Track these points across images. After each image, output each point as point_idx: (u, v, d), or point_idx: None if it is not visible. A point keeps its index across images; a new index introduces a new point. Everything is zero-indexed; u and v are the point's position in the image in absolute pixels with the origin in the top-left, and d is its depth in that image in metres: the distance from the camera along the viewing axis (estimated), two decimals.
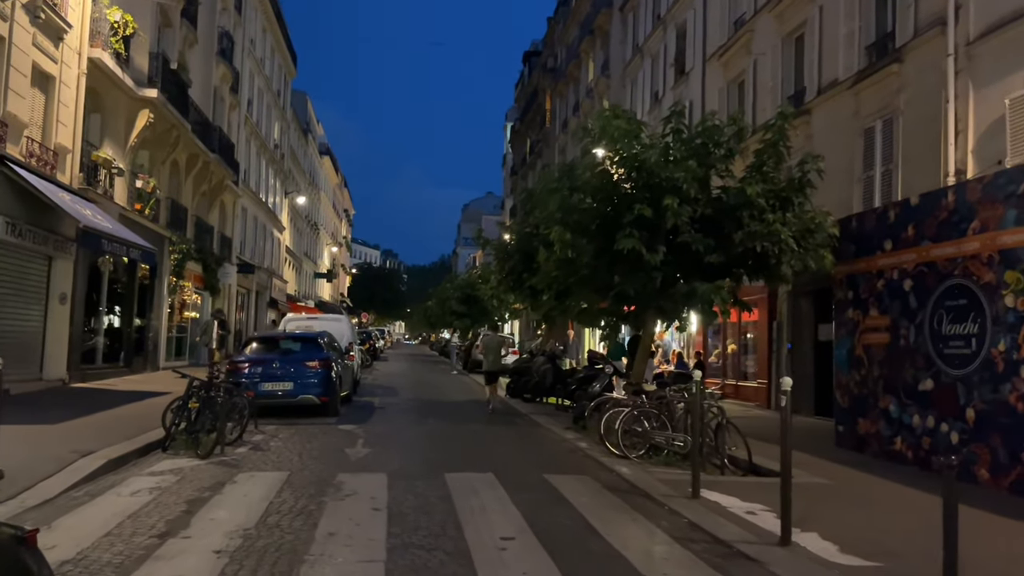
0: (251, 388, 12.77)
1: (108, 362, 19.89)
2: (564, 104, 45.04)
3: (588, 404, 13.55)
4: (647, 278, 11.63)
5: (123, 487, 7.64)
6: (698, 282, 11.41)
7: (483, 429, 13.43)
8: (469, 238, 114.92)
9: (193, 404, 9.88)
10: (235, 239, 33.19)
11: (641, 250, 11.24)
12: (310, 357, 13.61)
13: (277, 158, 43.70)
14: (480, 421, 14.69)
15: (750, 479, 9.43)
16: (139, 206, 20.81)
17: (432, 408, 16.74)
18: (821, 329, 16.68)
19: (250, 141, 36.27)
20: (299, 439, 11.25)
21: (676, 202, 11.10)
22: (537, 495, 7.81)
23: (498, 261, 20.74)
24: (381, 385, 22.30)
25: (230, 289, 32.04)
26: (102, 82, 18.83)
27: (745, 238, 11.22)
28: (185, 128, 23.19)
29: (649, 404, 10.71)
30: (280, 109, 44.60)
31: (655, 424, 10.45)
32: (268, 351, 13.83)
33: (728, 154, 11.96)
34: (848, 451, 11.46)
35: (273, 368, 13.32)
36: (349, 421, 13.42)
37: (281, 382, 13.27)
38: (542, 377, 18.34)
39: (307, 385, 13.35)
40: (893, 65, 14.49)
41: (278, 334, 16.08)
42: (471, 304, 40.25)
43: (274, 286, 42.81)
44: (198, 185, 27.14)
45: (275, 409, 13.50)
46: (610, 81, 35.10)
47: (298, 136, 53.87)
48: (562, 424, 14.11)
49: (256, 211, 38.27)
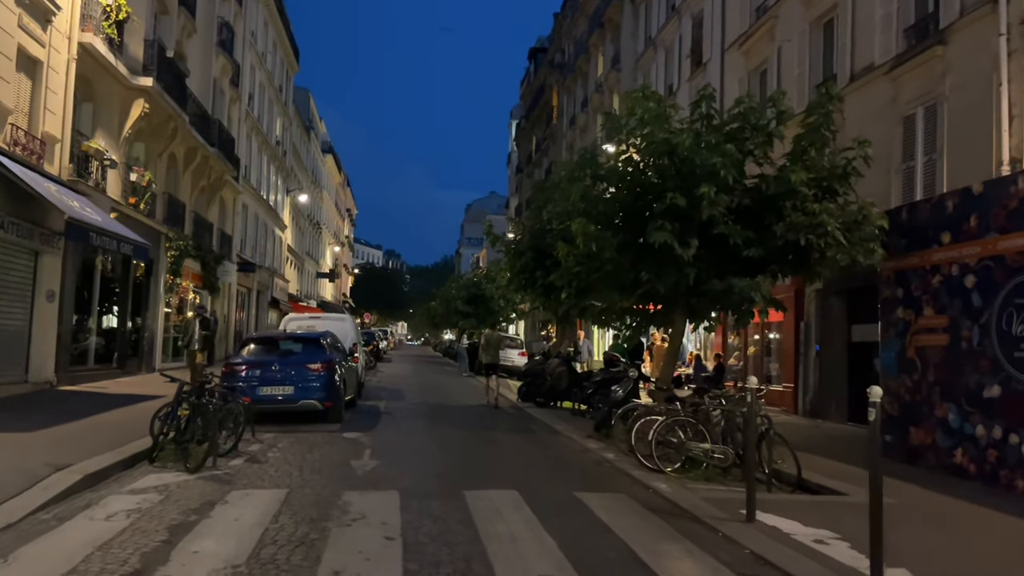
0: (248, 393, 11.85)
1: (100, 363, 18.96)
2: (572, 100, 44.09)
3: (610, 410, 12.62)
4: (679, 274, 10.68)
5: (98, 508, 6.70)
6: (735, 278, 10.44)
7: (498, 436, 12.48)
8: (473, 238, 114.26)
9: (183, 411, 8.93)
10: (235, 237, 32.26)
11: (673, 244, 10.29)
12: (312, 359, 12.66)
13: (279, 155, 42.79)
14: (494, 427, 13.74)
15: (803, 497, 8.47)
16: (133, 200, 19.88)
17: (441, 413, 15.79)
18: (855, 330, 15.72)
19: (251, 136, 35.36)
20: (300, 449, 10.30)
21: (713, 190, 10.15)
22: (571, 518, 6.85)
23: (509, 258, 19.82)
24: (386, 388, 21.36)
25: (230, 288, 31.13)
26: (94, 69, 17.91)
27: (787, 230, 10.27)
28: (183, 120, 22.27)
29: (684, 412, 9.75)
30: (282, 105, 43.69)
31: (691, 434, 9.49)
32: (267, 353, 12.88)
33: (767, 139, 10.99)
34: (898, 463, 10.48)
35: (272, 371, 12.37)
36: (354, 428, 12.47)
37: (281, 386, 12.32)
38: (556, 380, 17.38)
39: (309, 389, 12.41)
40: (937, 47, 13.52)
41: (277, 334, 15.13)
42: (477, 304, 39.30)
43: (276, 285, 41.90)
44: (197, 180, 26.21)
45: (274, 415, 12.56)
46: (621, 75, 34.14)
47: (300, 133, 52.97)
48: (582, 431, 13.16)
49: (257, 208, 37.35)
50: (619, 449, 10.83)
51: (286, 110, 45.07)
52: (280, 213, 44.04)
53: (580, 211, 11.56)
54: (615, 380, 16.89)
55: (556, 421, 14.74)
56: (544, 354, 19.65)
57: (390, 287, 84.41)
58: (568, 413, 16.40)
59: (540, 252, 18.82)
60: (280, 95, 42.84)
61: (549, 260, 18.75)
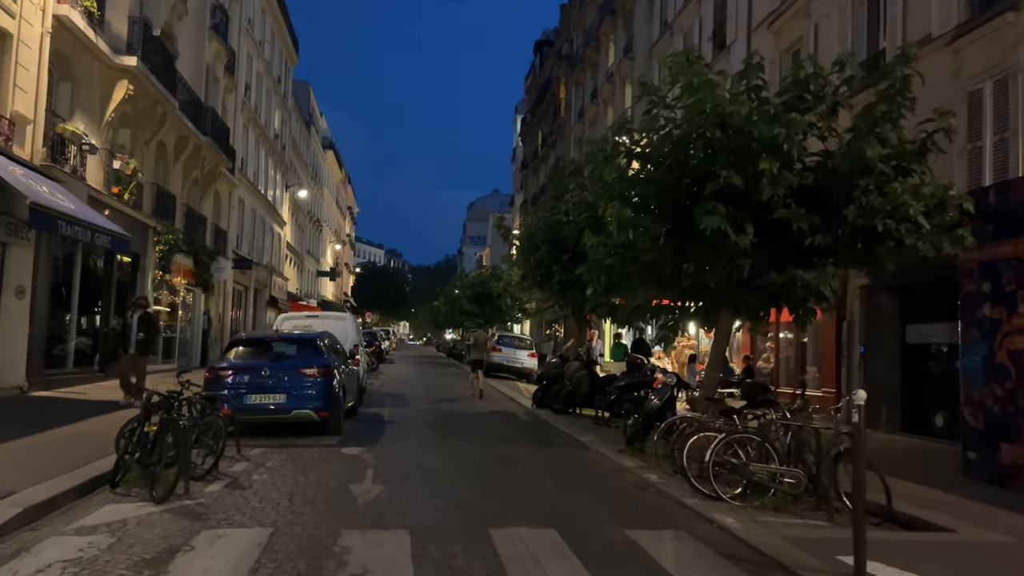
0: (234, 401, 10.40)
1: (80, 366, 17.49)
2: (580, 92, 42.60)
3: (645, 422, 11.15)
4: (730, 266, 9.21)
5: (28, 558, 5.23)
6: (799, 270, 8.95)
7: (519, 451, 10.98)
8: (476, 237, 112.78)
9: (151, 427, 7.45)
10: (231, 232, 30.80)
11: (727, 230, 8.82)
12: (307, 363, 11.19)
13: (277, 149, 41.32)
14: (512, 440, 12.25)
15: (904, 536, 6.98)
16: (117, 190, 18.40)
17: (452, 422, 14.30)
18: (911, 330, 14.23)
19: (248, 128, 33.89)
20: (291, 470, 8.82)
21: (776, 166, 8.68)
22: (629, 570, 5.38)
23: (522, 253, 18.37)
24: (390, 393, 19.86)
25: (225, 286, 29.65)
26: (71, 45, 16.44)
27: (860, 214, 8.81)
28: (172, 105, 20.79)
29: (743, 426, 8.27)
30: (281, 97, 42.22)
31: (754, 454, 8.01)
32: (256, 356, 11.38)
33: (832, 109, 9.50)
34: (985, 484, 9.01)
35: (262, 377, 10.89)
36: (355, 442, 10.99)
37: (272, 394, 10.84)
38: (577, 385, 15.89)
39: (303, 397, 10.93)
40: (1007, 14, 12.02)
41: (268, 335, 13.61)
42: (483, 303, 37.86)
43: (274, 284, 40.43)
44: (189, 171, 24.73)
45: (265, 427, 11.10)
46: (634, 63, 32.64)
47: (300, 127, 51.50)
48: (611, 444, 11.68)
49: (255, 203, 35.88)
50: (661, 468, 9.35)
51: (285, 103, 43.60)
52: (279, 209, 42.58)
53: (614, 194, 10.09)
54: (640, 385, 15.47)
55: (579, 431, 13.26)
56: (560, 356, 18.16)
57: (392, 286, 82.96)
58: (590, 421, 14.92)
59: (556, 246, 17.40)
60: (279, 87, 41.37)
61: (567, 254, 17.37)
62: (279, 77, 41.49)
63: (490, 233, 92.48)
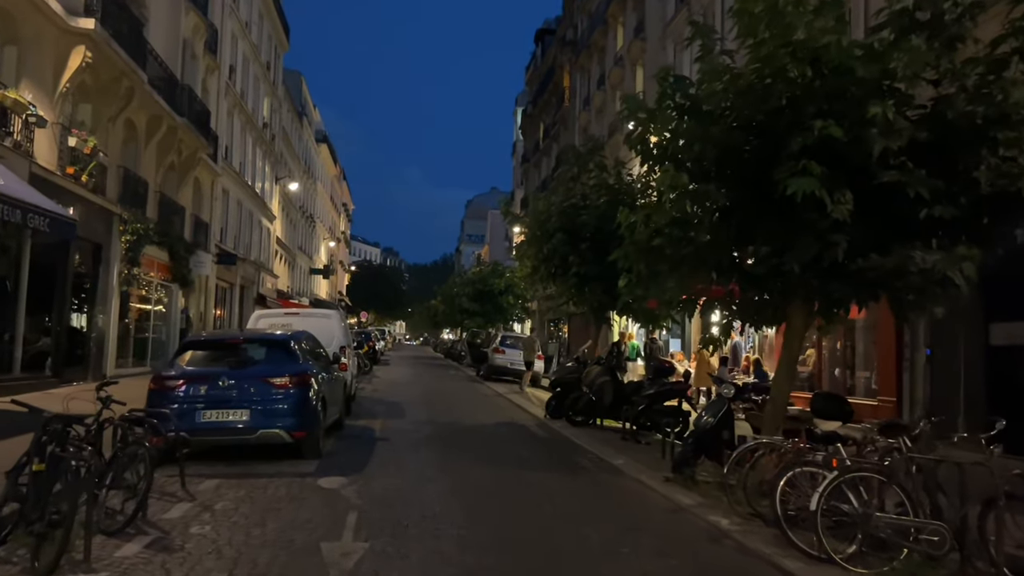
0: (184, 420, 8.25)
1: (28, 371, 15.27)
2: (586, 79, 40.45)
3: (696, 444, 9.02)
4: (821, 245, 7.07)
5: None
6: (917, 250, 6.80)
7: (544, 482, 8.79)
8: (474, 235, 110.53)
9: (38, 466, 5.29)
10: (214, 224, 28.57)
11: (823, 196, 6.69)
12: (278, 371, 9.01)
13: (267, 138, 39.09)
14: (531, 463, 10.07)
15: None
16: (72, 170, 16.20)
17: (455, 438, 12.13)
18: (996, 330, 12.08)
19: (233, 114, 31.69)
20: (247, 515, 6.65)
21: (891, 110, 6.55)
22: None
23: (533, 242, 16.20)
24: (382, 400, 17.65)
25: (207, 282, 27.45)
26: (18, 3, 14.26)
27: (999, 176, 6.70)
28: (140, 79, 18.60)
29: (860, 460, 6.12)
30: (270, 84, 39.98)
31: (875, 499, 5.87)
32: (214, 362, 9.17)
33: (950, 43, 7.34)
34: None
35: (220, 388, 8.72)
36: (336, 468, 8.81)
37: (232, 409, 8.67)
38: (599, 393, 13.74)
39: (272, 414, 8.76)
40: None
41: (228, 336, 11.34)
42: (484, 301, 35.71)
43: (263, 281, 38.20)
44: (163, 155, 22.52)
45: (224, 449, 8.95)
46: (646, 44, 30.53)
47: (292, 118, 49.26)
48: (650, 468, 9.57)
49: (241, 195, 33.66)
50: (732, 509, 7.21)
51: (275, 90, 41.37)
52: (268, 202, 40.35)
53: (666, 156, 7.95)
54: (673, 393, 13.44)
55: (607, 450, 11.12)
56: (577, 359, 16.01)
57: (388, 285, 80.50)
58: (616, 436, 12.79)
59: (573, 234, 15.25)
60: (268, 73, 39.14)
61: (585, 243, 15.23)
62: (268, 63, 39.27)
63: (489, 231, 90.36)
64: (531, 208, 17.85)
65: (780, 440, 7.26)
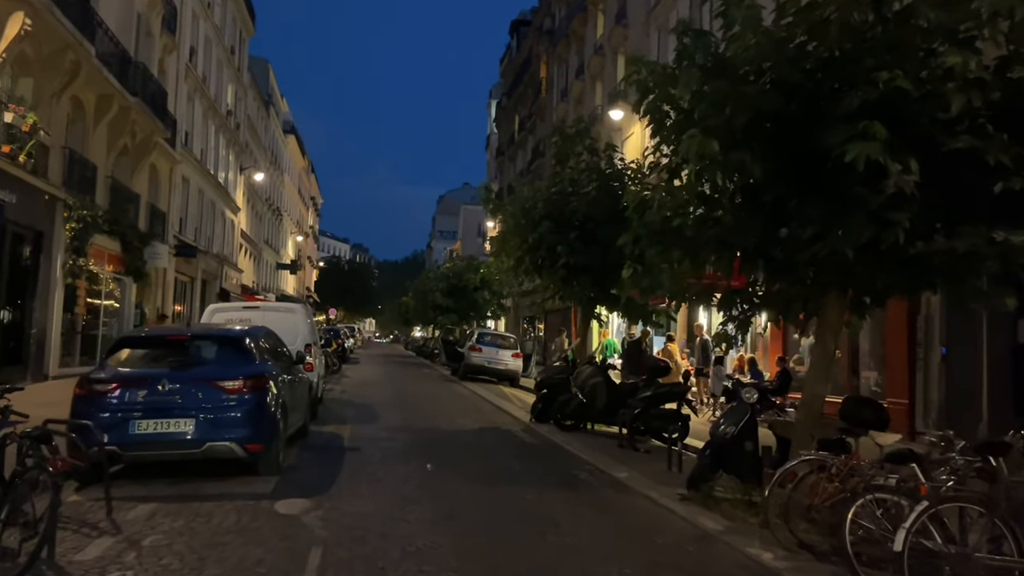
0: (116, 431, 6.93)
1: None
2: (564, 69, 39.31)
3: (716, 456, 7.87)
4: (876, 225, 5.94)
5: None
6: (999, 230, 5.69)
7: (543, 503, 7.54)
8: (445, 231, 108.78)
9: None
10: (172, 214, 26.93)
11: (889, 166, 5.56)
12: (230, 372, 7.67)
13: (231, 126, 37.34)
14: (523, 477, 8.83)
15: None
16: (8, 148, 14.61)
17: (436, 447, 10.84)
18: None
19: (194, 99, 29.98)
20: (181, 556, 5.33)
21: (972, 59, 5.44)
22: None
23: (516, 231, 14.97)
24: (352, 402, 16.27)
25: (164, 275, 25.78)
26: None
27: None
28: (87, 53, 17.05)
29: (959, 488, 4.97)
30: (235, 70, 38.22)
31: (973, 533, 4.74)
32: (153, 362, 7.79)
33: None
34: None
35: (161, 393, 7.35)
36: (298, 487, 7.49)
37: (175, 419, 7.32)
38: (591, 396, 12.55)
39: (222, 424, 7.42)
40: None
41: (171, 332, 9.84)
42: (458, 297, 34.40)
43: (226, 275, 36.47)
44: (115, 138, 20.89)
45: (166, 465, 7.60)
46: (628, 31, 29.47)
47: (258, 107, 47.44)
48: (659, 482, 8.43)
49: (202, 184, 31.96)
50: (773, 537, 6.05)
51: (239, 76, 39.60)
52: (232, 193, 38.59)
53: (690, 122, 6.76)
54: (672, 396, 12.33)
55: (606, 460, 9.93)
56: (565, 359, 14.81)
57: (358, 282, 78.58)
58: (610, 442, 11.65)
59: (561, 222, 14.08)
60: (232, 58, 37.38)
61: (574, 232, 14.06)
62: (232, 47, 37.52)
63: (461, 227, 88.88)
64: (515, 195, 16.59)
65: (819, 456, 6.11)
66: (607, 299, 15.04)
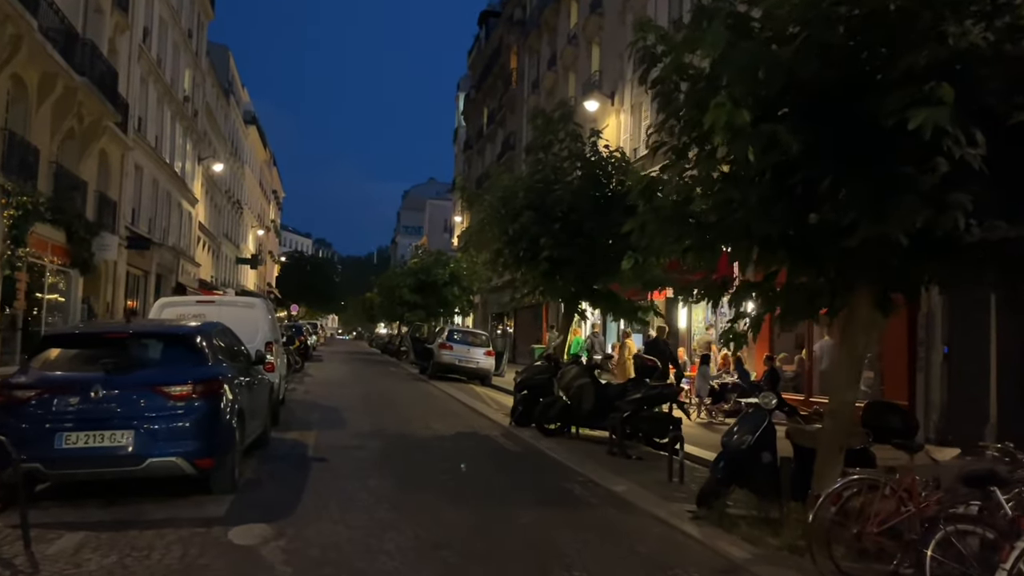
0: (37, 445, 5.86)
1: None
2: (535, 60, 38.44)
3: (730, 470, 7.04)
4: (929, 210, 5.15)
5: None
6: None
7: (539, 525, 6.62)
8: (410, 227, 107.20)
9: None
10: (124, 204, 25.43)
11: (959, 135, 4.79)
12: (178, 376, 6.61)
13: (188, 114, 35.74)
14: (518, 497, 7.88)
15: None
16: None
17: (412, 457, 9.85)
18: None
19: (148, 82, 28.46)
20: None
21: None
22: None
23: (496, 222, 14.05)
24: (317, 404, 15.17)
25: (115, 268, 24.31)
26: None
27: None
28: (29, 26, 15.70)
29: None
30: (192, 55, 36.60)
31: None
32: (87, 364, 6.69)
33: None
34: None
35: (94, 400, 6.28)
36: (255, 510, 6.47)
37: (111, 430, 6.25)
38: (577, 398, 11.67)
39: (168, 435, 6.38)
40: None
41: (111, 328, 8.55)
42: (427, 293, 33.33)
43: (183, 269, 34.89)
44: (60, 120, 19.47)
45: (99, 485, 6.53)
46: (604, 19, 28.70)
47: (217, 95, 45.72)
48: (661, 495, 7.63)
49: (157, 173, 30.42)
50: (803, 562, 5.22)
51: (197, 62, 37.95)
52: (189, 184, 37.00)
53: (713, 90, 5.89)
54: (661, 397, 11.55)
55: (600, 471, 9.06)
56: (547, 358, 13.92)
57: (320, 277, 76.72)
58: (597, 447, 10.80)
59: (544, 213, 13.20)
60: (189, 42, 35.77)
61: (558, 223, 13.18)
62: (190, 31, 35.90)
63: (427, 222, 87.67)
64: (491, 183, 15.64)
65: (868, 473, 5.30)
66: (590, 295, 14.22)
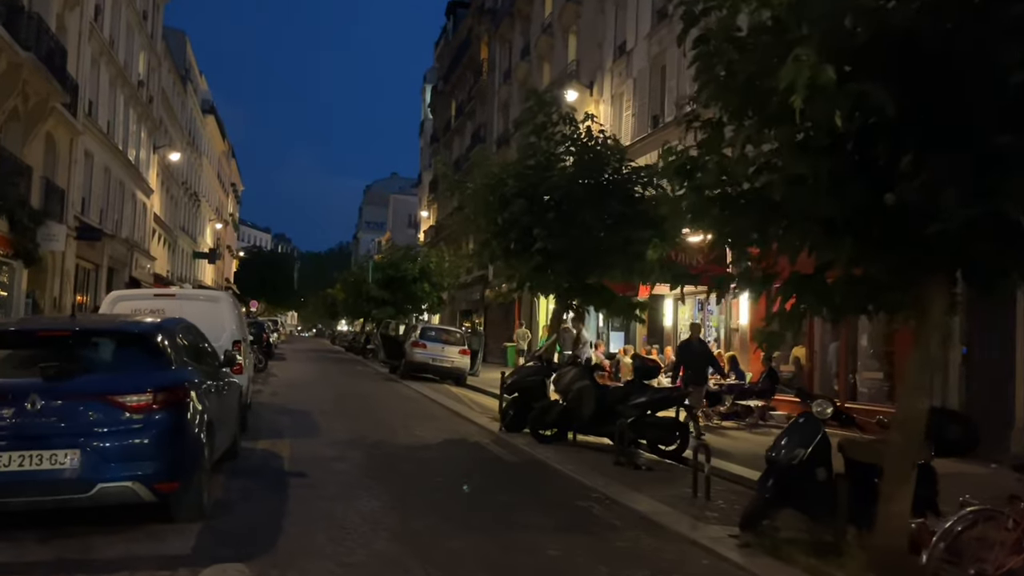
0: None
1: None
2: (507, 51, 37.49)
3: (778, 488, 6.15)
4: None
5: None
6: None
7: (568, 556, 5.66)
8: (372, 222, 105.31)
9: None
10: (73, 192, 23.82)
11: None
12: (133, 383, 5.49)
13: (143, 99, 33.99)
14: (528, 519, 6.88)
15: None
16: None
17: (399, 470, 8.80)
18: None
19: (100, 63, 26.78)
20: None
21: None
22: None
23: (484, 211, 13.04)
24: (286, 408, 13.97)
25: (62, 260, 22.70)
26: None
27: None
28: None
29: None
30: (147, 37, 34.82)
31: None
32: (22, 368, 5.53)
33: None
34: None
35: (30, 413, 5.14)
36: (228, 544, 5.38)
37: (51, 450, 5.12)
38: (576, 402, 10.72)
39: (120, 455, 5.26)
40: None
41: (53, 325, 7.24)
42: (395, 289, 32.14)
43: (136, 263, 33.18)
44: (2, 99, 17.91)
45: (39, 515, 5.38)
46: (581, 7, 27.84)
47: (174, 81, 43.84)
48: (690, 514, 6.71)
49: (109, 161, 28.73)
50: None
51: (153, 44, 36.15)
52: (144, 173, 35.22)
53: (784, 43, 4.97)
54: (668, 401, 10.74)
55: (613, 485, 8.12)
56: (539, 358, 12.96)
57: (280, 273, 74.88)
58: (600, 456, 9.89)
59: (536, 201, 12.26)
60: (144, 23, 34.00)
61: (551, 212, 12.23)
62: (145, 12, 34.13)
63: (390, 217, 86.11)
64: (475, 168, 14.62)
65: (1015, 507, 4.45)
66: (583, 290, 13.30)
